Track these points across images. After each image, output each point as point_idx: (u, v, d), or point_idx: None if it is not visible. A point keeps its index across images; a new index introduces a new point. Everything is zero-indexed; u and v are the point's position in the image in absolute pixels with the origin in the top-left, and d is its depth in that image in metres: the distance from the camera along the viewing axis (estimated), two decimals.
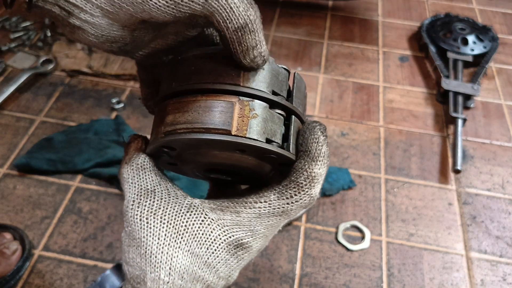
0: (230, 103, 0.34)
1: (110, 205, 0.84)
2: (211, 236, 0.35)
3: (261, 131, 0.34)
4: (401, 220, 0.86)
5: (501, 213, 0.89)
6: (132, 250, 0.34)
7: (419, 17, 1.35)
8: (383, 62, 1.20)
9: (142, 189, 0.36)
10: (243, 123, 0.33)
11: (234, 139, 0.33)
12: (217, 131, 0.33)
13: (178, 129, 0.34)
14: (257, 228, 0.36)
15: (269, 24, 1.27)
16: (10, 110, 1.00)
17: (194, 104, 0.34)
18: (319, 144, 0.35)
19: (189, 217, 0.35)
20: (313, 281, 0.77)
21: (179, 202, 0.35)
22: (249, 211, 0.36)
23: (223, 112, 0.33)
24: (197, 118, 0.33)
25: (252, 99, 0.34)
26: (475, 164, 0.97)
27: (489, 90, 1.14)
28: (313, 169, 0.35)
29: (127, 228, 0.35)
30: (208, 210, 0.35)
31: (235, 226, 0.35)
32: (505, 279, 0.79)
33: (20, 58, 1.11)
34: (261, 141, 0.34)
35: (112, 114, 1.00)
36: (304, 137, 0.36)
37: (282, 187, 0.36)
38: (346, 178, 0.90)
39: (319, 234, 0.83)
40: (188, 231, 0.34)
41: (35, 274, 0.75)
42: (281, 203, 0.36)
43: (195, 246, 0.34)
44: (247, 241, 0.36)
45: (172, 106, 0.35)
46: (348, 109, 1.06)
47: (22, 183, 0.87)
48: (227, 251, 0.36)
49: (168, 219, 0.35)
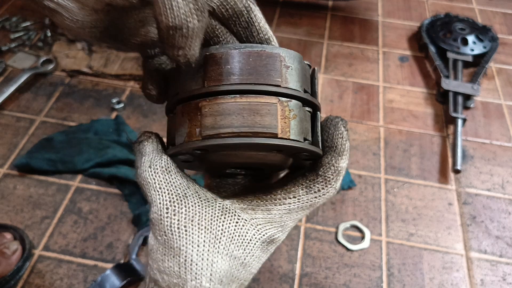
0: (273, 105, 0.33)
1: (110, 205, 0.84)
2: (247, 236, 0.35)
3: (299, 131, 0.35)
4: (401, 220, 0.86)
5: (501, 213, 0.89)
6: (169, 259, 0.34)
7: (419, 17, 1.35)
8: (383, 62, 1.20)
9: (173, 194, 0.35)
10: (286, 125, 0.34)
11: (281, 142, 0.33)
12: (264, 135, 0.33)
13: (222, 133, 0.33)
14: (287, 222, 0.37)
15: (269, 24, 1.27)
16: (10, 110, 1.00)
17: (236, 106, 0.33)
18: (343, 139, 0.37)
19: (224, 220, 0.35)
20: (313, 281, 0.77)
21: (211, 206, 0.35)
22: (280, 207, 0.36)
23: (268, 114, 0.33)
24: (242, 122, 0.33)
25: (290, 99, 0.34)
26: (475, 164, 0.97)
27: (489, 90, 1.15)
28: (340, 164, 0.37)
29: (162, 237, 0.34)
30: (239, 211, 0.36)
31: (268, 223, 0.36)
32: (505, 279, 0.79)
33: (20, 58, 1.11)
34: (301, 142, 0.34)
35: (112, 114, 1.00)
36: (329, 133, 0.37)
37: (310, 182, 0.37)
38: (346, 178, 0.91)
39: (319, 234, 0.83)
40: (225, 235, 0.34)
41: (35, 274, 0.75)
42: (309, 197, 0.37)
43: (233, 249, 0.35)
44: (278, 236, 0.37)
45: (209, 108, 0.33)
46: (348, 109, 1.07)
47: (22, 183, 0.87)
48: (261, 248, 0.36)
49: (205, 224, 0.34)
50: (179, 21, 0.31)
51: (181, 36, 0.32)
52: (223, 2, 0.37)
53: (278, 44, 0.40)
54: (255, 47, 0.35)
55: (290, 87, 0.35)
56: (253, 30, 0.38)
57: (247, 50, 0.34)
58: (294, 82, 0.35)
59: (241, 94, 0.33)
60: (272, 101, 0.34)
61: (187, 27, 0.31)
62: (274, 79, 0.34)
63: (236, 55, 0.34)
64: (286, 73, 0.35)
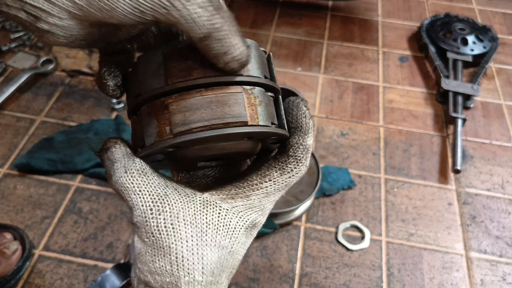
0: (239, 94, 0.34)
1: (110, 205, 0.84)
2: (231, 225, 0.36)
3: (266, 117, 0.35)
4: (401, 220, 0.86)
5: (501, 213, 0.89)
6: (159, 259, 0.34)
7: (419, 17, 1.35)
8: (383, 62, 1.20)
9: (154, 195, 0.35)
10: (253, 112, 0.34)
11: (251, 130, 0.34)
12: (235, 124, 0.33)
13: (193, 128, 0.33)
14: (266, 205, 0.38)
15: (269, 24, 1.27)
16: (10, 110, 1.00)
17: (204, 100, 0.33)
18: (307, 118, 0.38)
19: (207, 212, 0.35)
20: (313, 281, 0.77)
21: (192, 200, 0.35)
22: (258, 192, 0.37)
23: (235, 104, 0.34)
24: (212, 114, 0.33)
25: (253, 87, 0.35)
26: (474, 164, 0.97)
27: (488, 90, 1.15)
28: (307, 142, 0.38)
29: (150, 238, 0.34)
30: (220, 202, 0.36)
31: (248, 209, 0.37)
32: (505, 279, 0.79)
33: (20, 58, 1.11)
34: (269, 126, 0.35)
35: (112, 114, 1.00)
36: (292, 115, 0.38)
37: (282, 163, 0.38)
38: (346, 178, 0.91)
39: (319, 234, 0.83)
40: (210, 227, 0.35)
41: (35, 274, 0.75)
42: (284, 178, 0.37)
43: (220, 239, 0.35)
44: (259, 220, 0.38)
45: (176, 105, 0.33)
46: (348, 109, 1.07)
47: (23, 183, 0.87)
48: (245, 235, 0.37)
49: (190, 219, 0.34)
50: (205, 29, 0.31)
51: (216, 41, 0.32)
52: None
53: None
54: None
55: (252, 74, 0.35)
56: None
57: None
58: (254, 69, 0.36)
59: (206, 88, 0.34)
60: (237, 91, 0.34)
61: (216, 29, 0.31)
62: None
63: (194, 50, 0.34)
64: None
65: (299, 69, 1.15)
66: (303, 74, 1.14)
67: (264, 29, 1.25)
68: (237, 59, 0.33)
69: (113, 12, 0.30)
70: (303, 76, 1.14)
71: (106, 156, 0.36)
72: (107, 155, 0.36)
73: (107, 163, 0.36)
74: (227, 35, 0.32)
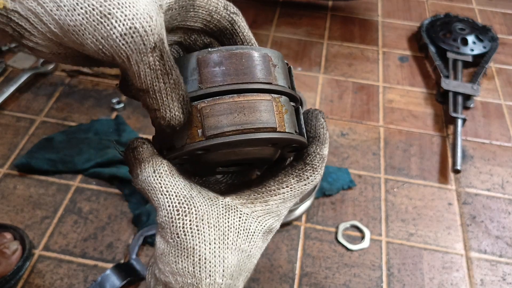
0: (269, 101, 0.35)
1: (111, 205, 0.84)
2: (250, 229, 0.37)
3: (291, 124, 0.37)
4: (401, 220, 0.86)
5: (500, 213, 0.89)
6: (182, 260, 0.35)
7: (419, 17, 1.35)
8: (383, 62, 1.20)
9: (180, 196, 0.36)
10: (281, 119, 0.36)
11: (280, 136, 0.36)
12: (266, 130, 0.35)
13: (226, 132, 0.34)
14: (282, 211, 0.39)
15: (269, 24, 1.27)
16: (10, 110, 1.00)
17: (236, 105, 0.35)
18: (324, 129, 0.40)
19: (229, 216, 0.36)
20: (313, 281, 0.77)
21: (216, 204, 0.36)
22: (275, 198, 0.38)
23: (266, 111, 0.35)
24: (244, 119, 0.34)
25: (281, 96, 0.37)
26: (474, 164, 0.97)
27: (488, 90, 1.15)
28: (324, 152, 0.40)
29: (175, 239, 0.35)
30: (240, 206, 0.37)
31: (266, 214, 0.38)
32: (505, 279, 0.79)
33: (20, 58, 1.11)
34: (293, 134, 0.37)
35: (112, 114, 1.00)
36: (311, 125, 0.40)
37: (299, 171, 0.39)
38: (346, 178, 0.91)
39: (319, 234, 0.83)
40: (231, 230, 0.36)
41: (36, 274, 0.75)
42: (300, 185, 0.39)
43: (240, 243, 0.36)
44: (276, 225, 0.40)
45: (210, 109, 0.35)
46: (348, 109, 1.07)
47: (23, 183, 0.87)
48: (262, 239, 0.38)
49: (213, 222, 0.35)
50: (145, 85, 0.33)
51: (150, 98, 0.34)
52: (206, 23, 0.39)
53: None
54: (245, 48, 0.36)
55: (279, 84, 0.37)
56: (237, 40, 0.41)
57: (239, 51, 0.36)
58: (281, 79, 0.37)
59: (238, 94, 0.35)
60: (267, 98, 0.36)
61: (154, 90, 0.33)
62: (267, 77, 0.36)
63: (229, 57, 0.35)
64: (274, 72, 0.37)
65: (299, 69, 1.15)
66: (303, 74, 1.14)
67: (264, 29, 1.25)
68: (167, 120, 0.34)
69: (83, 47, 0.32)
70: (303, 76, 1.14)
71: (132, 155, 0.37)
72: (134, 154, 0.37)
73: (133, 162, 0.37)
74: (163, 97, 0.34)
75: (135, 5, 0.31)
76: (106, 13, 0.30)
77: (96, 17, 0.30)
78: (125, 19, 0.31)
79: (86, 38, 0.31)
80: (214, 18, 0.39)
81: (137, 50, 0.31)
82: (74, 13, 0.30)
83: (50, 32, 0.32)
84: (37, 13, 0.31)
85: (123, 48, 0.31)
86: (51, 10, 0.31)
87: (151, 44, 0.32)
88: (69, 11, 0.30)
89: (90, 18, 0.30)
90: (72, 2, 0.30)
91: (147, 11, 0.31)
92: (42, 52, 0.34)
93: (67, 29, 0.31)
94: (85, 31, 0.31)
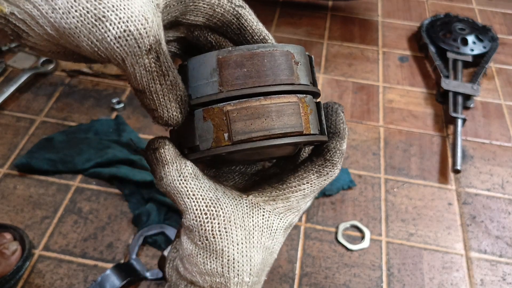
0: (295, 104, 0.35)
1: (111, 205, 0.84)
2: (273, 227, 0.38)
3: (315, 124, 0.37)
4: (401, 220, 0.86)
5: (500, 213, 0.89)
6: (211, 261, 0.36)
7: (419, 17, 1.35)
8: (383, 62, 1.20)
9: (207, 199, 0.36)
10: (306, 121, 0.36)
11: (306, 139, 0.35)
12: (293, 134, 0.35)
13: (254, 137, 0.34)
14: (302, 206, 0.40)
15: (269, 24, 1.27)
16: (10, 110, 1.00)
17: (264, 109, 0.34)
18: (344, 124, 0.40)
19: (253, 215, 0.37)
20: (313, 281, 0.77)
21: (240, 203, 0.37)
22: (297, 194, 0.39)
23: (293, 114, 0.35)
24: (272, 124, 0.34)
25: (306, 95, 0.36)
26: (474, 164, 0.97)
27: (488, 90, 1.15)
28: (343, 147, 0.40)
29: (204, 242, 0.35)
30: (263, 204, 0.38)
31: (287, 211, 0.39)
32: (505, 279, 0.79)
33: (20, 58, 1.11)
34: (317, 134, 0.37)
35: (112, 114, 1.00)
36: (332, 120, 0.40)
37: (319, 167, 0.39)
38: (346, 178, 0.91)
39: (319, 234, 0.83)
40: (256, 229, 0.37)
41: (35, 274, 0.75)
42: (320, 180, 0.39)
43: (265, 241, 0.37)
44: (295, 220, 0.40)
45: (237, 113, 0.34)
46: (348, 109, 1.07)
47: (23, 183, 0.87)
48: (283, 235, 0.39)
49: (240, 222, 0.36)
50: (142, 87, 0.33)
51: (147, 99, 0.34)
52: (209, 18, 0.38)
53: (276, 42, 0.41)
54: (267, 47, 0.35)
55: (302, 83, 0.36)
56: (246, 34, 0.40)
57: (260, 51, 0.35)
58: (304, 77, 0.36)
59: (265, 96, 0.34)
60: (293, 100, 0.35)
61: (150, 91, 0.33)
62: (290, 78, 0.35)
63: (250, 57, 0.34)
64: (297, 70, 0.36)
65: None
66: None
67: None
68: (165, 120, 0.35)
69: (79, 48, 0.32)
70: None
71: (154, 157, 0.37)
72: (156, 155, 0.37)
73: (156, 164, 0.37)
74: (160, 98, 0.34)
75: (130, 7, 0.31)
76: (100, 16, 0.30)
77: (90, 20, 0.30)
78: (119, 21, 0.30)
79: (81, 41, 0.31)
80: (217, 12, 0.38)
81: (132, 52, 0.31)
82: (69, 16, 0.30)
83: (46, 34, 0.32)
84: (33, 15, 0.31)
85: (118, 51, 0.31)
86: (46, 13, 0.31)
87: (146, 47, 0.31)
88: (63, 14, 0.30)
89: (84, 21, 0.30)
90: (67, 5, 0.30)
91: (142, 13, 0.31)
92: (42, 51, 0.34)
93: (63, 31, 0.31)
94: (80, 33, 0.31)
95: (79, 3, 0.30)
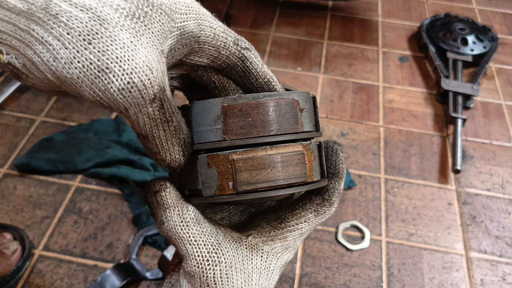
0: (301, 153, 0.35)
1: (111, 205, 0.84)
2: (270, 268, 0.38)
3: (318, 170, 0.37)
4: (401, 220, 0.86)
5: (500, 213, 0.89)
6: None
7: (419, 17, 1.35)
8: (383, 62, 1.20)
9: (209, 245, 0.36)
10: (310, 168, 0.36)
11: (310, 187, 0.36)
12: (297, 183, 0.35)
13: (259, 188, 0.34)
14: (298, 243, 0.40)
15: (269, 24, 1.27)
16: (10, 110, 1.00)
17: (270, 159, 0.34)
18: (343, 164, 0.40)
19: (252, 257, 0.37)
20: (313, 281, 0.77)
21: (240, 246, 0.37)
22: (294, 233, 0.39)
23: (298, 164, 0.35)
24: (277, 175, 0.34)
25: (310, 142, 0.36)
26: (474, 164, 0.97)
27: (488, 90, 1.15)
28: (341, 187, 0.40)
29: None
30: (262, 244, 0.38)
31: (285, 250, 0.39)
32: (505, 279, 0.79)
33: None
34: (319, 180, 0.37)
35: (112, 114, 1.00)
36: (331, 160, 0.40)
37: (317, 206, 0.40)
38: (346, 178, 0.91)
39: (319, 234, 0.83)
40: (255, 271, 0.37)
41: (35, 274, 0.75)
42: (318, 219, 0.40)
43: (262, 282, 0.37)
44: (291, 257, 0.41)
45: (243, 162, 0.34)
46: (348, 109, 1.07)
47: (23, 183, 0.87)
48: (278, 273, 0.40)
49: (240, 266, 0.36)
50: (145, 132, 0.33)
51: (150, 143, 0.34)
52: (214, 60, 0.38)
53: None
54: (272, 96, 0.35)
55: (306, 130, 0.36)
56: (250, 77, 0.39)
57: (266, 99, 0.34)
58: (308, 123, 0.36)
59: (270, 145, 0.34)
60: (299, 149, 0.35)
61: (153, 136, 0.33)
62: (295, 127, 0.35)
63: (256, 106, 0.34)
64: (301, 117, 0.36)
65: (299, 69, 1.15)
66: (303, 74, 1.14)
67: (264, 29, 1.25)
68: (167, 163, 0.35)
69: (81, 96, 0.32)
70: (303, 76, 1.14)
71: (155, 199, 0.36)
72: (157, 199, 0.36)
73: (156, 207, 0.36)
74: (163, 142, 0.34)
75: (134, 58, 0.30)
76: (104, 68, 0.29)
77: (93, 71, 0.30)
78: (123, 73, 0.30)
79: (83, 90, 0.30)
80: (222, 54, 0.37)
81: (135, 103, 0.31)
82: (71, 66, 0.30)
83: (47, 79, 0.31)
84: (34, 61, 0.31)
85: (121, 102, 0.31)
86: (48, 61, 0.30)
87: (150, 97, 0.31)
88: (66, 64, 0.30)
89: (87, 72, 0.30)
90: (69, 55, 0.29)
91: (146, 63, 0.30)
92: (41, 90, 0.34)
93: (64, 80, 0.30)
94: (82, 83, 0.30)
95: (82, 53, 0.29)
